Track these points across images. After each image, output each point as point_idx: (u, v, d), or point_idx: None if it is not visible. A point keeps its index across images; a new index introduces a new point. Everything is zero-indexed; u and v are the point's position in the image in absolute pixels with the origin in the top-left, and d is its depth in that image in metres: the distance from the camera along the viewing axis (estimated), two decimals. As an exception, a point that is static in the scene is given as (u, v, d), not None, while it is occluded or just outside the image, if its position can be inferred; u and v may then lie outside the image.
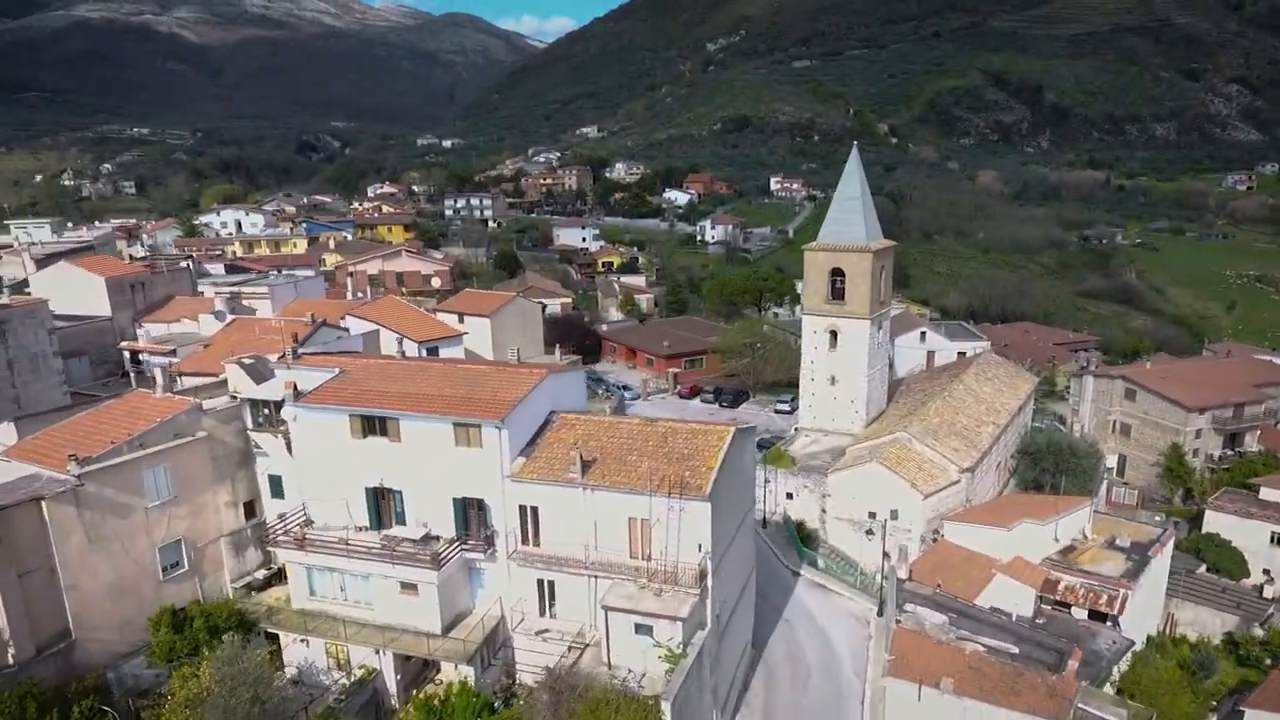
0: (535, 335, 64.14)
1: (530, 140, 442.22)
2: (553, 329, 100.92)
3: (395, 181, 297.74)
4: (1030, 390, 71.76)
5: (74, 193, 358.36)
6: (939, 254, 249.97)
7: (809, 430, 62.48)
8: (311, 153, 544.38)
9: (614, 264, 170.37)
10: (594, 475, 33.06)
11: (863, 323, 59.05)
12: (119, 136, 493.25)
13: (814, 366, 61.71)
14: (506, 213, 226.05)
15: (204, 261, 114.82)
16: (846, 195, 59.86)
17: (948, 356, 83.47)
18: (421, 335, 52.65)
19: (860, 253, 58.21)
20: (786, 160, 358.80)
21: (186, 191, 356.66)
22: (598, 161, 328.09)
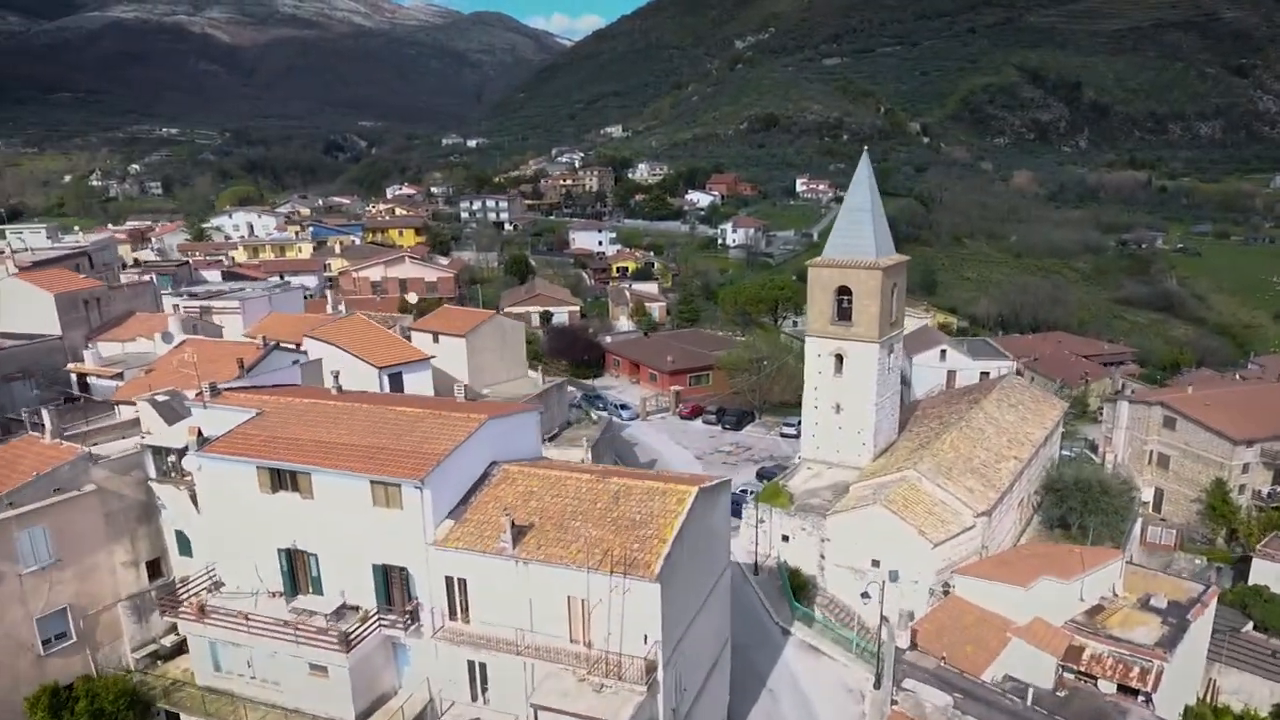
0: (517, 355, 59.73)
1: (554, 140, 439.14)
2: (554, 341, 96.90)
3: (415, 183, 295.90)
4: (1058, 417, 65.99)
5: (101, 193, 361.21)
6: (969, 258, 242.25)
7: (812, 462, 57.35)
8: (338, 152, 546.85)
9: (629, 269, 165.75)
10: (528, 545, 28.41)
11: (871, 346, 53.80)
12: (148, 137, 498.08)
13: (818, 393, 56.54)
14: (523, 215, 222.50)
15: (200, 268, 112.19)
16: (854, 206, 54.63)
17: (970, 377, 77.89)
18: (382, 360, 48.42)
19: (869, 270, 52.99)
20: (814, 160, 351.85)
21: (211, 192, 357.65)
22: (620, 162, 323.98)
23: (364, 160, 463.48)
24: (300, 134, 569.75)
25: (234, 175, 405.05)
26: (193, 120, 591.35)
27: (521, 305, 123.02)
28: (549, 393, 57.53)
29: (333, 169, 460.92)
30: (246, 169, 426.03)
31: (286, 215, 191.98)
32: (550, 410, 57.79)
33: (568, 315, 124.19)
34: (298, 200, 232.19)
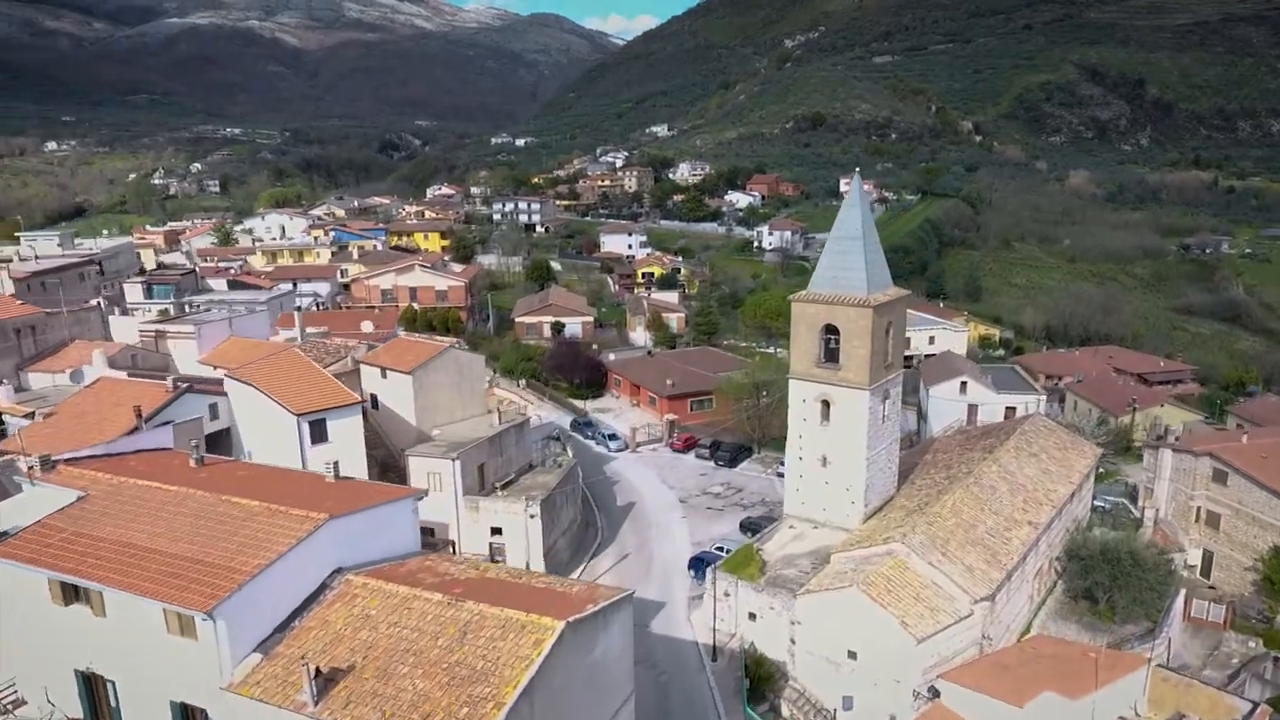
0: (474, 391, 53.34)
1: (601, 139, 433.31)
2: (555, 358, 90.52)
3: (456, 183, 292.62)
4: (1090, 466, 57.24)
5: (161, 191, 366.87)
6: (1018, 263, 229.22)
7: (796, 519, 49.80)
8: (393, 151, 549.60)
9: (654, 274, 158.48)
10: (335, 702, 21.79)
11: (860, 393, 46.00)
12: (213, 136, 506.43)
13: (803, 442, 48.91)
14: (555, 217, 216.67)
15: (209, 275, 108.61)
16: (844, 234, 46.78)
17: (993, 412, 69.15)
18: (302, 404, 42.45)
19: (858, 308, 45.18)
20: (860, 160, 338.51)
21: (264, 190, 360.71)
22: (662, 162, 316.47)
23: (416, 159, 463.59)
24: (357, 133, 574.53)
25: (289, 174, 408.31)
26: (257, 121, 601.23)
27: (534, 315, 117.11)
28: (505, 434, 50.99)
29: (386, 167, 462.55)
30: (302, 168, 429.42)
31: (318, 217, 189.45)
32: (506, 454, 51.30)
33: (581, 326, 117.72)
34: (334, 201, 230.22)
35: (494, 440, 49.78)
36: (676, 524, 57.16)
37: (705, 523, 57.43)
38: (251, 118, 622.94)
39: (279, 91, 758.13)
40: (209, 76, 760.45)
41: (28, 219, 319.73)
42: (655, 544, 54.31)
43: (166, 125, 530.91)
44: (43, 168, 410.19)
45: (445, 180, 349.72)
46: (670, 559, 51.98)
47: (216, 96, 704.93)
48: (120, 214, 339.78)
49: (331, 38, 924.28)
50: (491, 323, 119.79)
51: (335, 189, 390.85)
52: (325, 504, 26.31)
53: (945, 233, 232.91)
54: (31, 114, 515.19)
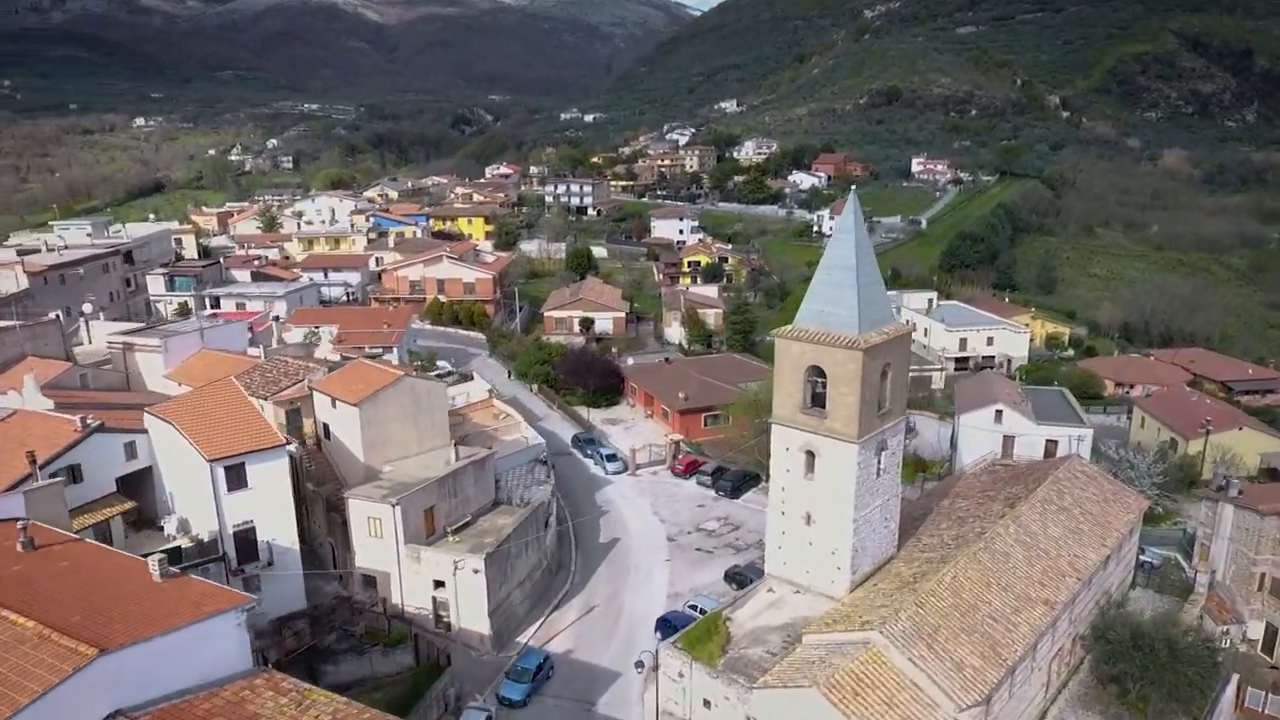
0: (436, 422, 48.76)
1: (669, 115, 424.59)
2: (569, 364, 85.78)
3: (515, 162, 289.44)
4: (1133, 521, 49.66)
5: (237, 168, 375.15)
6: (1099, 251, 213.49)
7: (777, 581, 43.97)
8: (465, 126, 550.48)
9: (700, 264, 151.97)
10: None
11: (848, 446, 39.73)
12: (291, 112, 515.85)
13: (785, 495, 42.94)
14: (607, 199, 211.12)
15: (233, 267, 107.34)
16: (835, 262, 40.24)
17: (1031, 446, 61.43)
18: (219, 448, 38.61)
19: (847, 350, 38.76)
20: (936, 138, 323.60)
21: (335, 166, 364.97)
22: (727, 140, 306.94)
23: (486, 134, 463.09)
24: (431, 108, 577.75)
25: (360, 150, 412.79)
26: (336, 96, 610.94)
27: (564, 309, 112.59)
28: (462, 473, 46.38)
29: (456, 143, 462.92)
30: (373, 143, 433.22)
31: (370, 199, 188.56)
32: (463, 494, 46.76)
33: (612, 322, 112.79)
34: (387, 183, 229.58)
35: (446, 481, 45.28)
36: (658, 568, 51.94)
37: (690, 568, 52.04)
38: (331, 93, 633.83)
39: (359, 67, 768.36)
40: (293, 52, 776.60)
41: (111, 194, 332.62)
42: (629, 593, 49.25)
43: (249, 101, 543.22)
44: (130, 143, 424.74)
45: (511, 157, 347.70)
46: (641, 614, 46.86)
47: (299, 72, 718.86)
48: (196, 190, 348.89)
49: (411, 12, 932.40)
50: (520, 317, 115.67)
51: (406, 165, 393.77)
52: (116, 627, 22.06)
53: (1020, 218, 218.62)
54: (124, 90, 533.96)
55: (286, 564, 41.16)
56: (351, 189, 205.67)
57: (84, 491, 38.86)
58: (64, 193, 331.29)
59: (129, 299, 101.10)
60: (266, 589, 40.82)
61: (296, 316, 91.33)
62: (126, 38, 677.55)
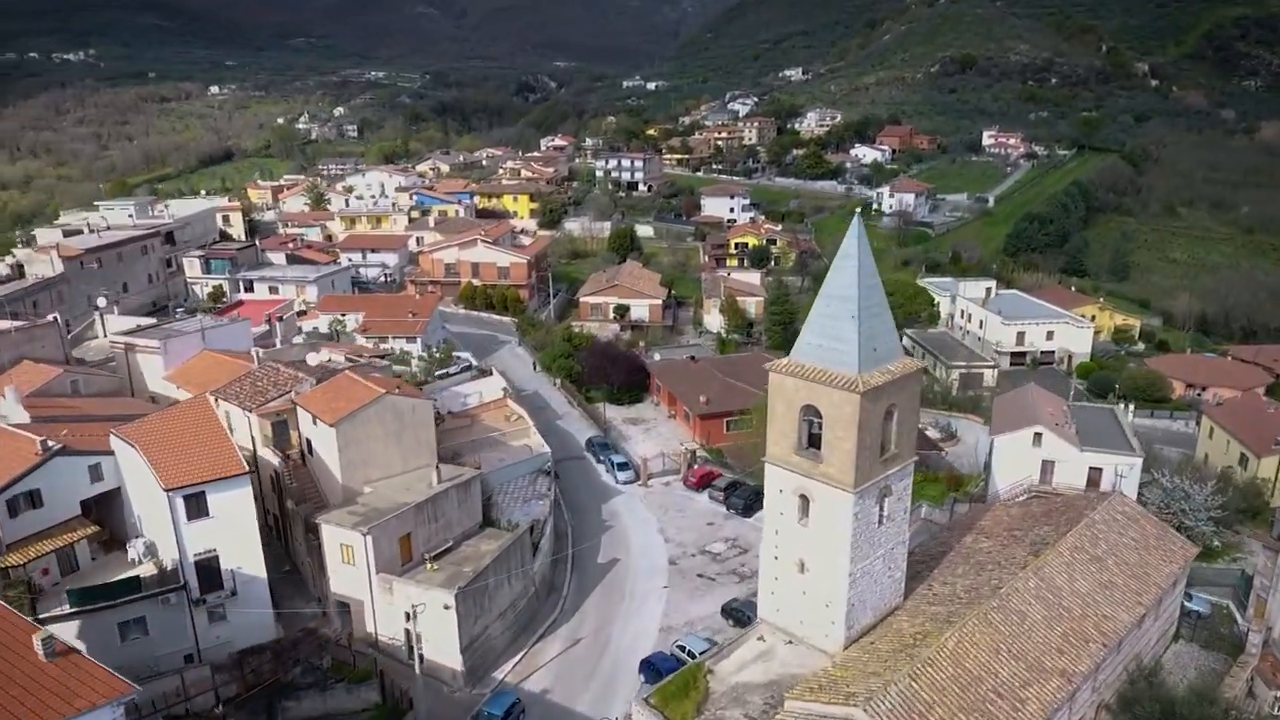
0: (421, 440, 46.45)
1: (733, 83, 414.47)
2: (594, 359, 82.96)
3: (570, 134, 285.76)
4: (1178, 571, 44.78)
5: (303, 136, 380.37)
6: (1180, 234, 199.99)
7: (770, 628, 40.75)
8: (529, 93, 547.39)
9: (747, 245, 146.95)
10: None
11: (844, 495, 36.06)
12: (357, 80, 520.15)
13: (778, 539, 39.60)
14: (659, 175, 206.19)
15: (269, 249, 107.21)
16: (835, 291, 36.24)
17: (1072, 474, 56.32)
18: (177, 476, 37.01)
19: (844, 391, 34.93)
20: (1011, 108, 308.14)
21: (399, 136, 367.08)
22: (789, 111, 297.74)
23: (546, 103, 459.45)
24: (496, 75, 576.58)
25: (424, 118, 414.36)
26: (403, 64, 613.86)
27: (599, 295, 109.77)
28: (443, 497, 44.11)
29: (519, 111, 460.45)
30: (437, 111, 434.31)
31: (420, 174, 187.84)
32: (444, 518, 44.55)
33: (648, 309, 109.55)
34: (439, 156, 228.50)
35: (424, 507, 43.11)
36: (654, 597, 49.12)
37: (688, 598, 49.10)
38: (399, 60, 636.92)
39: (426, 33, 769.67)
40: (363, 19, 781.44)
41: (184, 162, 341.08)
42: (619, 624, 46.61)
43: (318, 69, 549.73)
44: (204, 111, 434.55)
45: (572, 127, 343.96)
46: (627, 650, 44.20)
47: (368, 39, 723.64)
48: (265, 158, 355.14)
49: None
50: (556, 302, 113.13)
51: (468, 133, 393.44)
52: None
53: (1096, 196, 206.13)
54: (201, 59, 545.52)
55: (252, 593, 39.67)
56: (401, 164, 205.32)
57: (46, 515, 37.85)
58: (140, 160, 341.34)
59: (169, 280, 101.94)
60: (232, 618, 39.48)
61: (324, 303, 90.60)
62: (205, 6, 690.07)
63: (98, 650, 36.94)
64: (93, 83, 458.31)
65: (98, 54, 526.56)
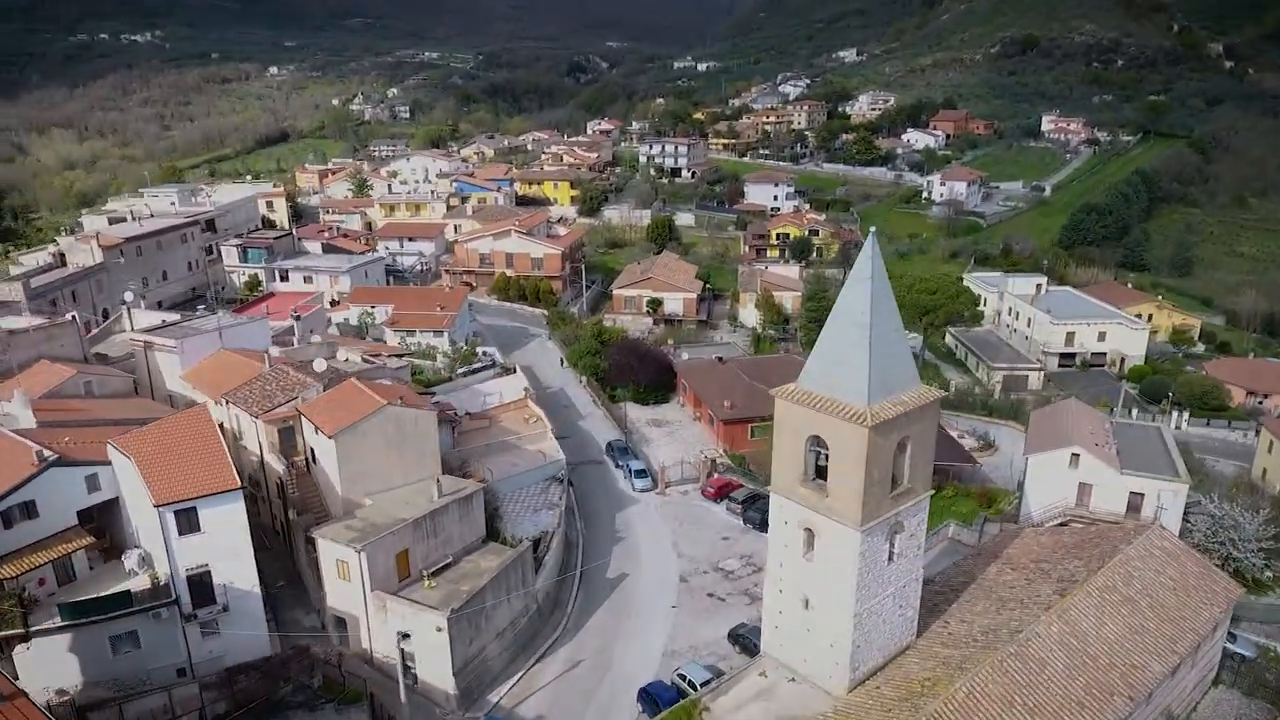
0: (424, 452, 45.31)
1: (785, 64, 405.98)
2: (620, 356, 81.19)
3: (617, 117, 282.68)
4: (1216, 617, 41.53)
5: (357, 117, 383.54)
6: (1251, 227, 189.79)
7: (773, 662, 38.82)
8: (580, 74, 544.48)
9: (789, 236, 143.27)
10: None
11: (850, 532, 33.82)
12: (411, 61, 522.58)
13: (782, 573, 37.54)
14: (705, 160, 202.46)
15: (305, 238, 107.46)
16: (847, 316, 33.79)
17: (1111, 498, 52.93)
18: (167, 492, 36.36)
19: (852, 424, 32.58)
20: (1073, 92, 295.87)
21: (450, 118, 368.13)
22: (841, 94, 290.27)
23: (596, 84, 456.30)
24: (548, 55, 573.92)
25: (475, 99, 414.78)
26: (457, 44, 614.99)
27: (633, 287, 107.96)
28: (443, 512, 42.94)
29: (569, 92, 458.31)
30: (488, 93, 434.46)
31: (464, 159, 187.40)
32: (444, 534, 43.37)
33: (682, 303, 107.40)
34: (483, 140, 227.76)
35: (422, 522, 41.98)
36: (661, 617, 47.44)
37: (695, 619, 47.33)
38: (453, 40, 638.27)
39: (480, 12, 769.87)
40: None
41: (241, 143, 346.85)
42: (622, 645, 45.08)
43: (374, 50, 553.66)
44: (263, 92, 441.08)
45: (621, 109, 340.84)
46: (627, 676, 42.64)
47: (423, 19, 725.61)
48: (319, 139, 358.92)
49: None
50: (589, 294, 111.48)
51: (518, 115, 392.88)
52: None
53: (1159, 186, 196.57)
54: (261, 40, 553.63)
55: (245, 608, 39.02)
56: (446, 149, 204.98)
57: (41, 526, 37.55)
58: (200, 141, 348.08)
59: (208, 268, 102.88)
60: (225, 633, 38.91)
61: (355, 295, 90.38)
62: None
63: (90, 663, 36.95)
64: (158, 64, 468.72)
65: (164, 35, 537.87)
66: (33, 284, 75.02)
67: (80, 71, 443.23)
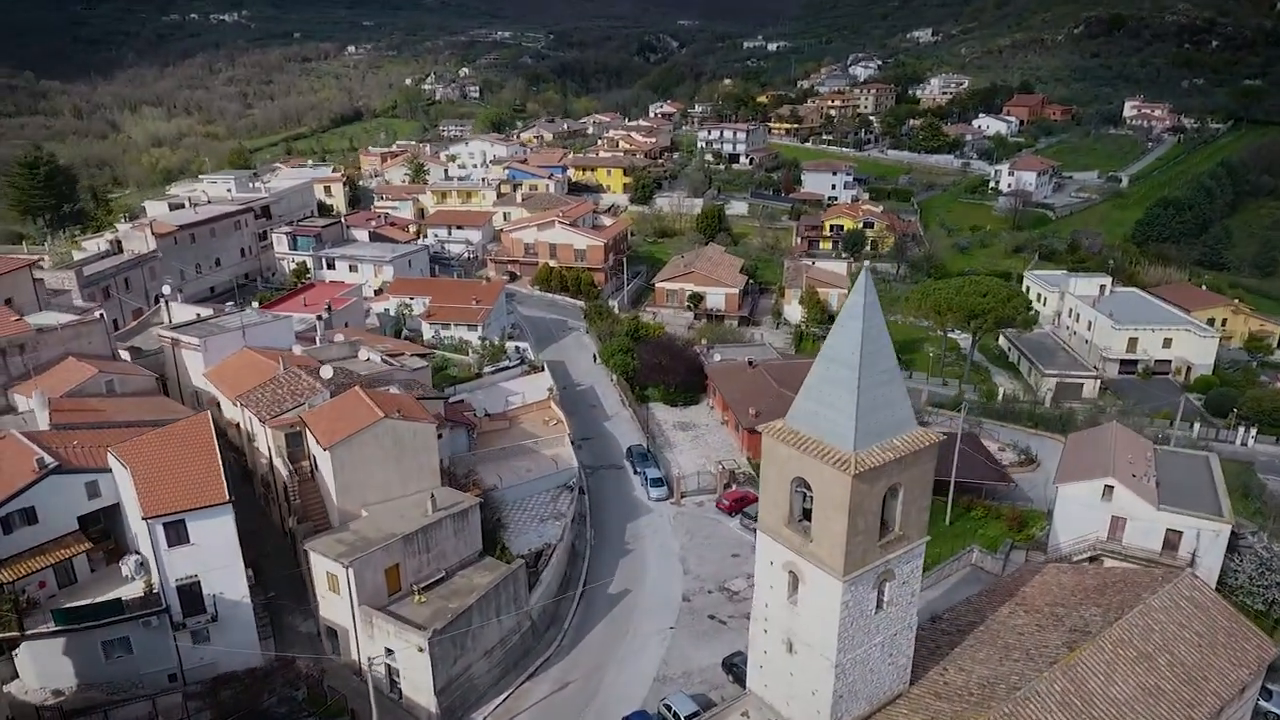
0: (422, 464, 44.67)
1: (857, 44, 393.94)
2: (650, 355, 79.68)
3: (680, 100, 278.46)
4: (1244, 679, 38.16)
5: (428, 97, 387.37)
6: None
7: (757, 701, 37.20)
8: (650, 53, 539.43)
9: (843, 228, 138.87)
10: None
11: (833, 582, 31.86)
12: (484, 40, 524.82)
13: (767, 613, 35.78)
14: (763, 146, 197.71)
15: (354, 226, 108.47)
16: (835, 355, 31.51)
17: (1146, 534, 49.37)
18: (156, 504, 36.56)
19: (835, 468, 30.50)
20: (1161, 75, 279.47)
21: (518, 98, 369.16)
22: (912, 77, 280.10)
23: (664, 65, 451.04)
24: (619, 34, 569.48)
25: (544, 79, 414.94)
26: (529, 23, 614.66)
27: (676, 281, 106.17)
28: (436, 527, 42.33)
29: (639, 71, 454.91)
30: (557, 72, 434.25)
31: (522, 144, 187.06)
32: (437, 548, 42.77)
33: (724, 298, 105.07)
34: (544, 124, 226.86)
35: (413, 538, 41.48)
36: (657, 639, 46.14)
37: (692, 643, 45.95)
38: (526, 19, 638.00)
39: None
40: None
41: (317, 121, 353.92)
42: (614, 668, 44.00)
43: (448, 29, 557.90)
44: (341, 71, 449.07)
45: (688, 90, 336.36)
46: (615, 701, 41.59)
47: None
48: (390, 119, 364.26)
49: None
50: (630, 287, 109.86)
51: (586, 95, 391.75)
52: None
53: (1247, 179, 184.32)
54: (341, 19, 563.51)
55: (236, 617, 39.22)
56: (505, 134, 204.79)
57: (42, 531, 38.27)
58: (278, 119, 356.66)
59: (261, 254, 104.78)
60: (216, 641, 39.20)
61: (394, 286, 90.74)
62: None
63: (84, 666, 37.64)
64: (243, 43, 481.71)
65: (250, 15, 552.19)
66: (85, 272, 77.05)
67: (171, 51, 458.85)
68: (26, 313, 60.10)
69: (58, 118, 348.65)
